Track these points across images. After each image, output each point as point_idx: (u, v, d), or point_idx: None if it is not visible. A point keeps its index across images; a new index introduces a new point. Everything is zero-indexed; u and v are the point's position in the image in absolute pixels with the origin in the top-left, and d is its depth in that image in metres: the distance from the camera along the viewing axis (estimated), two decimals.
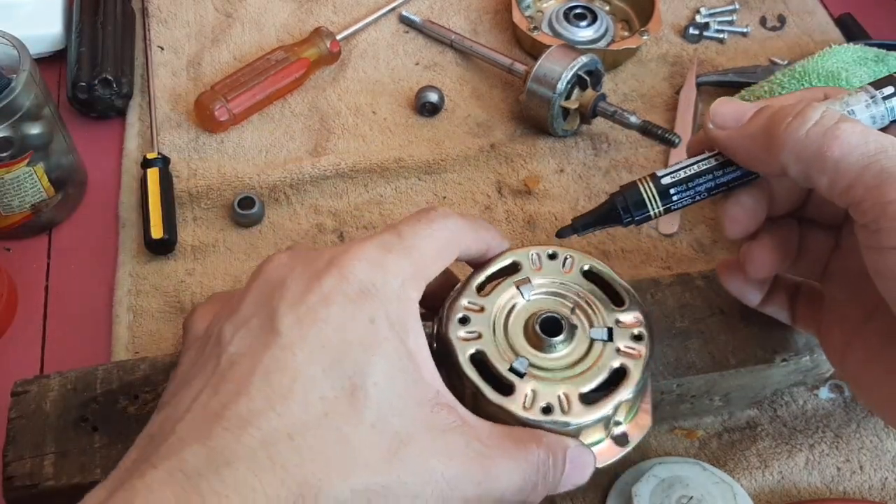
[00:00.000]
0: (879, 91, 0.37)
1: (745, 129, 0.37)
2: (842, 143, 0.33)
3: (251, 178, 0.60)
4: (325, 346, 0.33)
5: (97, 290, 0.56)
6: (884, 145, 0.33)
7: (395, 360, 0.33)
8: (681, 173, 0.39)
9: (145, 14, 0.72)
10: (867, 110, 0.37)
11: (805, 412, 0.50)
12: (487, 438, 0.34)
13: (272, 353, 0.32)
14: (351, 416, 0.32)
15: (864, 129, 0.34)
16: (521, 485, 0.35)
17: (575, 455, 0.37)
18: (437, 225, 0.38)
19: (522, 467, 0.35)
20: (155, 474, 0.29)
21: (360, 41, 0.71)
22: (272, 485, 0.30)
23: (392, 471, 0.32)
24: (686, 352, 0.45)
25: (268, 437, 0.30)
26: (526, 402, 0.37)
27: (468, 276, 0.41)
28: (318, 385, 0.32)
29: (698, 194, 0.39)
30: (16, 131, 0.53)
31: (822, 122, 0.34)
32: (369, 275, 0.35)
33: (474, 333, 0.39)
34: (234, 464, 0.29)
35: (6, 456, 0.40)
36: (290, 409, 0.31)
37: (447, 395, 0.35)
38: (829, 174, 0.34)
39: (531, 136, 0.65)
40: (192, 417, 0.31)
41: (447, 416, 0.34)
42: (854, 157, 0.33)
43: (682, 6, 0.76)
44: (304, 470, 0.30)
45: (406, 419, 0.33)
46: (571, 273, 0.42)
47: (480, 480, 0.33)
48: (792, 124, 0.35)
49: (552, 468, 0.36)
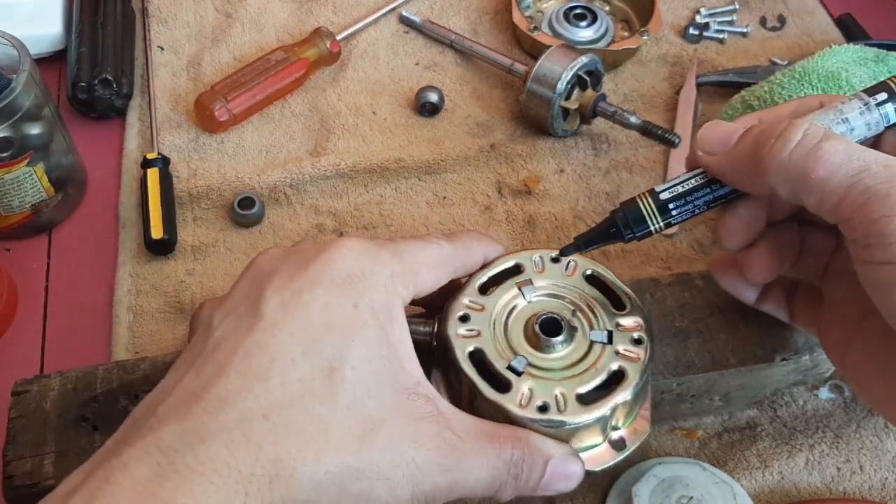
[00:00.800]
0: (873, 97, 0.37)
1: (732, 154, 0.37)
2: (825, 164, 0.33)
3: (251, 178, 0.60)
4: (306, 329, 0.33)
5: (97, 290, 0.56)
6: (867, 163, 0.33)
7: (375, 346, 0.34)
8: (679, 188, 0.39)
9: (145, 14, 0.72)
10: (861, 117, 0.37)
11: (805, 412, 0.50)
12: (462, 431, 0.35)
13: (254, 335, 0.33)
14: (327, 397, 0.32)
15: (847, 146, 0.34)
16: (488, 481, 0.35)
17: (558, 464, 0.37)
18: (428, 244, 0.39)
19: (493, 464, 0.35)
20: (131, 452, 0.30)
21: (360, 41, 0.71)
22: (246, 462, 0.30)
23: (363, 452, 0.32)
24: (686, 351, 0.45)
25: (244, 416, 0.31)
26: (522, 400, 0.37)
27: (468, 278, 0.41)
28: (297, 366, 0.33)
29: (697, 208, 0.39)
30: (16, 131, 0.53)
31: (805, 142, 0.34)
32: (359, 262, 0.36)
33: (474, 331, 0.39)
34: (209, 441, 0.30)
35: (6, 455, 0.40)
36: (267, 389, 0.32)
37: (427, 387, 0.36)
38: (817, 194, 0.34)
39: (531, 136, 0.65)
40: (173, 400, 0.32)
41: (423, 405, 0.35)
42: (838, 178, 0.33)
43: (682, 6, 0.76)
44: (279, 448, 0.31)
45: (381, 403, 0.34)
46: (574, 277, 0.42)
47: (449, 468, 0.34)
48: (775, 146, 0.35)
49: (526, 470, 0.36)
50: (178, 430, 0.30)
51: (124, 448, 0.30)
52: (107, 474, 0.29)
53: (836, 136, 0.34)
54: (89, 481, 0.29)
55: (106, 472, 0.29)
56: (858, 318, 0.40)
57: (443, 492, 0.34)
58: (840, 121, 0.37)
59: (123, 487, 0.29)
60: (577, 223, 0.60)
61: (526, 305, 0.41)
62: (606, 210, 0.60)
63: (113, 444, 0.32)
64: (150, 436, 0.30)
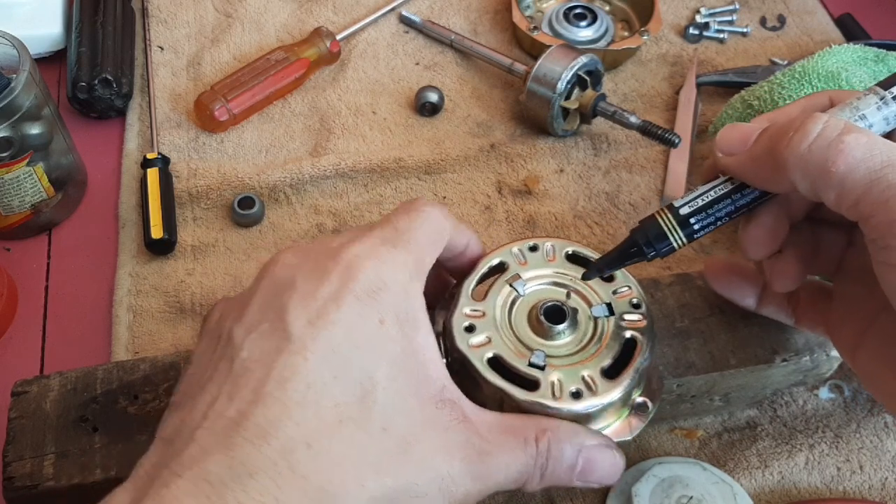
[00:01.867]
0: (888, 91, 0.36)
1: (752, 152, 0.36)
2: (847, 158, 0.32)
3: (251, 178, 0.60)
4: (336, 351, 0.33)
5: (97, 290, 0.56)
6: (891, 158, 0.32)
7: (402, 362, 0.34)
8: (699, 201, 0.38)
9: (145, 14, 0.72)
10: (879, 112, 0.36)
11: (805, 412, 0.50)
12: (487, 433, 0.35)
13: (284, 358, 0.32)
14: (362, 421, 0.32)
15: (870, 139, 0.32)
16: (516, 475, 0.35)
17: (593, 453, 0.37)
18: (426, 215, 0.38)
19: (520, 458, 0.35)
20: (180, 484, 0.29)
21: (360, 41, 0.71)
22: (294, 496, 0.30)
23: (401, 473, 0.32)
24: (686, 351, 0.45)
25: (286, 446, 0.31)
26: (555, 392, 0.37)
27: (458, 287, 0.41)
28: (330, 390, 0.32)
29: (719, 220, 0.38)
30: (16, 131, 0.53)
31: (825, 134, 0.33)
32: (378, 273, 0.35)
33: (484, 339, 0.39)
34: (257, 475, 0.30)
35: (6, 456, 0.40)
36: (306, 417, 0.31)
37: (452, 390, 0.36)
38: (836, 189, 0.33)
39: (531, 136, 0.65)
40: (210, 426, 0.31)
41: (450, 412, 0.35)
42: (860, 173, 0.32)
43: (682, 6, 0.76)
44: (322, 478, 0.31)
45: (411, 420, 0.33)
46: (556, 261, 0.42)
47: (479, 475, 0.34)
48: (794, 140, 0.34)
49: (553, 461, 0.36)
50: (225, 462, 0.30)
51: (171, 478, 0.30)
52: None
53: (857, 129, 0.33)
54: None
55: (156, 502, 0.29)
56: (872, 315, 0.39)
57: (474, 496, 0.34)
58: (857, 118, 0.36)
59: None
60: (577, 223, 0.60)
61: (522, 300, 0.41)
62: (607, 210, 0.60)
63: (153, 469, 0.31)
64: (196, 467, 0.30)
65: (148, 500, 0.29)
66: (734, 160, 0.37)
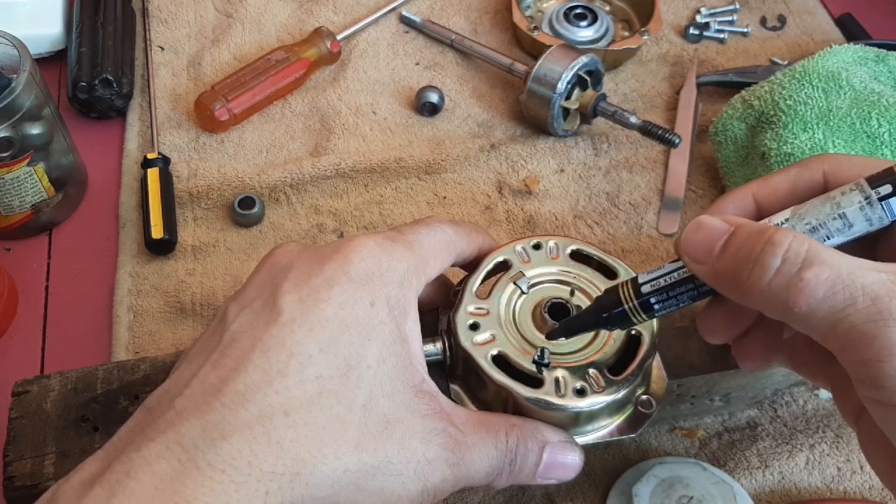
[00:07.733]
0: (875, 190, 0.33)
1: (717, 268, 0.34)
2: (807, 299, 0.30)
3: (251, 178, 0.60)
4: (324, 326, 0.33)
5: (97, 290, 0.56)
6: (853, 296, 0.30)
7: (390, 344, 0.35)
8: (661, 281, 0.36)
9: (145, 14, 0.72)
10: (861, 213, 0.33)
11: (805, 412, 0.50)
12: (463, 425, 0.36)
13: (272, 330, 0.33)
14: (344, 396, 0.33)
15: (831, 275, 0.30)
16: (488, 470, 0.36)
17: (555, 451, 0.37)
18: (434, 229, 0.39)
19: (492, 454, 0.36)
20: (152, 447, 0.30)
21: (360, 41, 0.71)
22: (268, 460, 0.30)
23: (379, 450, 0.33)
24: (686, 352, 0.45)
25: (264, 413, 0.31)
26: (559, 389, 0.37)
27: (462, 286, 0.41)
28: (315, 363, 0.33)
29: (681, 303, 0.36)
30: (16, 131, 0.53)
31: (784, 270, 0.31)
32: (375, 260, 0.36)
33: (488, 336, 0.39)
34: (230, 437, 0.30)
35: (7, 456, 0.40)
36: (287, 386, 0.32)
37: (430, 384, 0.36)
38: (801, 325, 0.31)
39: (531, 136, 0.65)
40: (191, 392, 0.32)
41: (428, 402, 0.35)
42: (821, 314, 0.30)
43: (683, 6, 0.76)
44: (299, 446, 0.31)
45: (394, 401, 0.34)
46: (559, 259, 0.42)
47: (455, 462, 0.35)
48: (753, 273, 0.32)
49: (521, 457, 0.37)
50: (199, 425, 0.30)
51: (144, 442, 0.30)
52: (127, 468, 0.29)
53: (818, 261, 0.31)
54: (109, 474, 0.29)
55: (126, 465, 0.29)
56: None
57: (449, 485, 0.35)
58: (836, 216, 0.33)
59: (144, 484, 0.29)
60: (577, 223, 0.60)
61: (526, 298, 0.41)
62: (607, 210, 0.60)
63: (129, 435, 0.31)
64: (171, 431, 0.30)
65: (117, 464, 0.29)
66: (701, 270, 0.35)
